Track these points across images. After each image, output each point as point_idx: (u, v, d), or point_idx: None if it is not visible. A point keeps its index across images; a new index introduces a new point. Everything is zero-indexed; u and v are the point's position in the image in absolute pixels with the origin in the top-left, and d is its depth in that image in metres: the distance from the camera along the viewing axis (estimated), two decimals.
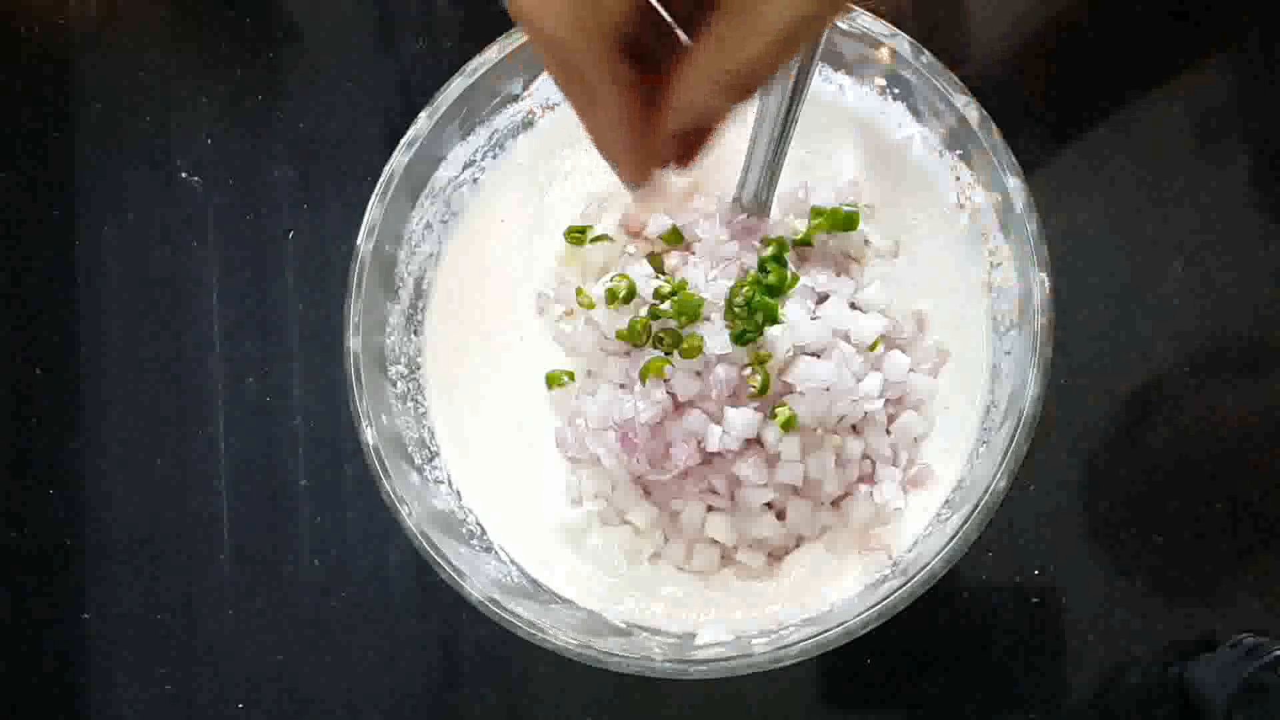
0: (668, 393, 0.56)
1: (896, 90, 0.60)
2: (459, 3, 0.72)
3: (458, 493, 0.61)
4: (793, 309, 0.57)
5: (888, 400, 0.59)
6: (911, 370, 0.59)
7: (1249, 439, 0.68)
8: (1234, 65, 0.69)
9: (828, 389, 0.55)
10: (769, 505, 0.58)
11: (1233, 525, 0.67)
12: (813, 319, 0.57)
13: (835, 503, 0.59)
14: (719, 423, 0.56)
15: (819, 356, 0.57)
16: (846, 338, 0.58)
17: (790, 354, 0.56)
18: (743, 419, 0.55)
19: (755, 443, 0.56)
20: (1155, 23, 0.70)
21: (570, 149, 0.63)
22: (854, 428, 0.59)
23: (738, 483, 0.57)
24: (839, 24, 0.57)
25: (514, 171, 0.64)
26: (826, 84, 0.62)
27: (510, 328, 0.62)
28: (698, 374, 0.56)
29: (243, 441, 0.70)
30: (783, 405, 0.56)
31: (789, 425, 0.55)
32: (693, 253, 0.60)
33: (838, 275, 0.60)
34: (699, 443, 0.56)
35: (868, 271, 0.60)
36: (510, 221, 0.63)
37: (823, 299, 0.59)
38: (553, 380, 0.61)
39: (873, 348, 0.58)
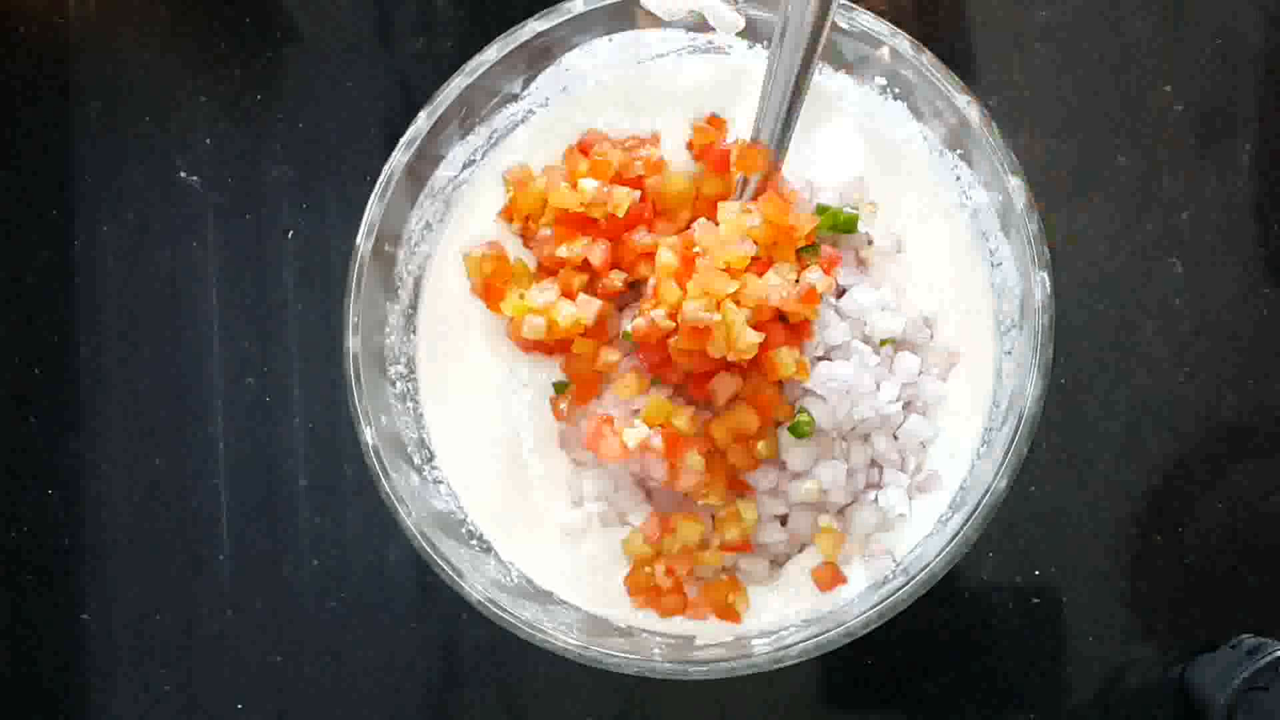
0: None
1: (897, 90, 0.60)
2: (459, 3, 0.72)
3: (457, 493, 0.61)
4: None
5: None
6: (921, 373, 0.58)
7: (1249, 439, 0.68)
8: (1234, 65, 0.69)
9: (848, 391, 0.55)
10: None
11: (1233, 525, 0.67)
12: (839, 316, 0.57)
13: (840, 509, 0.59)
14: None
15: (833, 360, 0.57)
16: (865, 339, 0.57)
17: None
18: None
19: None
20: (1155, 22, 0.69)
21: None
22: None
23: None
24: (839, 23, 0.57)
25: None
26: (827, 82, 0.61)
27: None
28: None
29: (242, 441, 0.70)
30: (802, 411, 0.56)
31: (798, 430, 0.55)
32: None
33: (856, 270, 0.59)
34: None
35: (874, 272, 0.60)
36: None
37: (841, 293, 0.58)
38: (560, 390, 0.60)
39: (882, 345, 0.57)
